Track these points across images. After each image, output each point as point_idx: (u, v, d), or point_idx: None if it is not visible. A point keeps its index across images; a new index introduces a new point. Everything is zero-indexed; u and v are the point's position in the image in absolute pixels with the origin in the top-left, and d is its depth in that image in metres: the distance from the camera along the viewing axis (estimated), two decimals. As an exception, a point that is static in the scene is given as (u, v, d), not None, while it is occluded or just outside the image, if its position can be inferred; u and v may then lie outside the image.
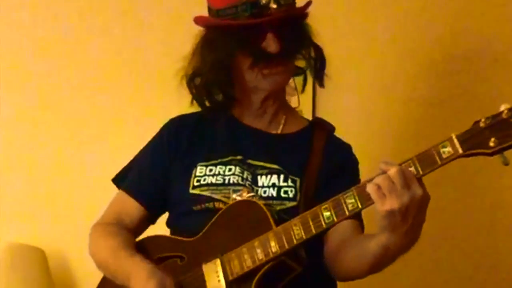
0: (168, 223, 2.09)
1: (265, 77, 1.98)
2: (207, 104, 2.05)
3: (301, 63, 2.07)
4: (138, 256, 1.91)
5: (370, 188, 1.64)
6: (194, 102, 2.06)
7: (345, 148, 2.09)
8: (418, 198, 1.62)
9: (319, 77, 2.06)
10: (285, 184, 1.95)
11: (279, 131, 2.07)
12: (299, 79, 2.14)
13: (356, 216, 1.92)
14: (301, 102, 2.19)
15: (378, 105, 3.05)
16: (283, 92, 2.10)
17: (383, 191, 1.62)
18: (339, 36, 2.14)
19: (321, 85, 2.08)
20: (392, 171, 1.62)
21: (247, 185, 1.96)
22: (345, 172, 1.96)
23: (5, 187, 3.31)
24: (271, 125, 2.07)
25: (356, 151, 2.12)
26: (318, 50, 2.04)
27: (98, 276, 2.11)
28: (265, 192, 1.95)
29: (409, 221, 1.64)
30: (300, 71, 2.08)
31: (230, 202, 1.93)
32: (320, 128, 2.08)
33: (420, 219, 1.66)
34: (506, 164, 1.59)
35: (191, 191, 1.98)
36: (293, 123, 2.10)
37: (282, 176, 1.96)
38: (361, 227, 1.95)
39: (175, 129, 2.11)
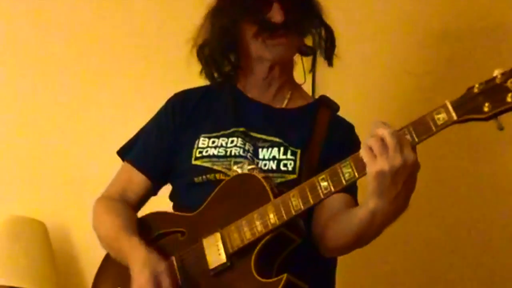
0: (171, 196, 2.11)
1: (268, 47, 2.00)
2: (216, 75, 2.09)
3: (311, 43, 2.09)
4: (136, 239, 1.93)
5: (362, 149, 1.65)
6: (203, 74, 2.10)
7: (349, 127, 2.10)
8: (409, 163, 1.62)
9: (328, 57, 2.08)
10: (285, 157, 1.96)
11: (283, 106, 2.09)
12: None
13: (352, 192, 1.95)
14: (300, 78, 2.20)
15: (376, 79, 3.06)
16: (289, 67, 2.11)
17: (374, 152, 1.62)
18: (334, 11, 2.14)
19: (330, 64, 2.10)
20: (386, 132, 1.62)
21: (248, 156, 1.97)
22: (347, 150, 1.90)
23: (7, 160, 3.32)
24: (275, 99, 2.09)
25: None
26: (329, 31, 2.07)
27: (98, 248, 2.12)
28: (265, 165, 1.96)
29: (398, 187, 1.64)
30: (309, 51, 2.09)
31: (231, 174, 1.94)
32: (325, 105, 2.09)
33: (409, 187, 1.66)
34: (501, 129, 1.58)
35: (193, 162, 2.00)
36: (298, 99, 2.11)
37: (282, 149, 1.98)
38: (355, 202, 1.96)
39: (180, 102, 2.13)
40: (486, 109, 1.57)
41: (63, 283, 3.11)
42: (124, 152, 2.18)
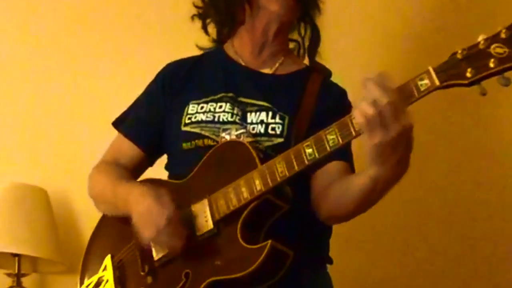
0: (166, 166, 2.13)
1: None
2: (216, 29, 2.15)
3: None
4: (132, 182, 1.97)
5: (358, 116, 1.62)
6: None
7: (340, 92, 2.10)
8: (408, 129, 1.60)
9: (311, 55, 2.14)
10: (273, 121, 1.97)
11: (273, 71, 2.09)
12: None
13: (348, 159, 1.96)
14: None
15: (362, 42, 3.08)
16: (285, 33, 2.12)
17: (372, 123, 1.59)
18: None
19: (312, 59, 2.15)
20: (382, 102, 1.58)
21: (237, 120, 1.98)
22: (339, 114, 1.88)
23: (8, 129, 3.36)
24: (266, 65, 2.10)
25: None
26: (315, 31, 2.13)
27: (97, 214, 2.15)
28: (253, 128, 1.97)
29: (399, 153, 1.63)
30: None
31: (219, 140, 1.96)
32: (316, 71, 2.09)
33: (409, 150, 1.65)
34: (484, 94, 1.58)
35: (183, 128, 2.02)
36: (290, 64, 2.11)
37: (270, 113, 1.98)
38: (352, 169, 1.96)
39: (170, 72, 2.15)
40: (469, 74, 1.57)
41: (65, 249, 3.14)
42: (118, 123, 2.20)
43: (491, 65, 1.55)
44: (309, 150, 1.73)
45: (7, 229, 3.05)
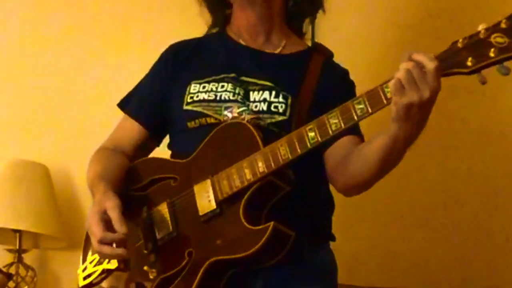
0: (169, 145, 2.16)
1: None
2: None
3: None
4: (103, 184, 1.97)
5: (391, 83, 1.66)
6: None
7: (342, 71, 2.14)
8: (436, 92, 1.64)
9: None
10: (276, 100, 2.00)
11: (276, 52, 2.13)
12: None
13: (359, 133, 2.00)
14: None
15: (360, 29, 3.11)
16: (276, 16, 2.15)
17: (403, 85, 1.63)
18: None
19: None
20: (429, 65, 1.63)
21: (239, 99, 2.01)
22: (341, 92, 1.97)
23: (10, 105, 3.38)
24: (267, 45, 2.14)
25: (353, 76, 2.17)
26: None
27: (99, 192, 2.18)
28: (256, 106, 2.00)
29: (423, 113, 1.67)
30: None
31: (222, 119, 1.99)
32: (318, 52, 2.13)
33: (430, 111, 1.69)
34: (484, 83, 1.62)
35: (185, 107, 2.05)
36: (292, 45, 2.15)
37: (273, 92, 2.01)
38: (362, 141, 2.00)
39: (173, 53, 2.19)
40: (469, 63, 1.61)
41: (65, 225, 3.17)
42: (124, 104, 2.23)
43: (491, 54, 1.59)
44: (311, 134, 1.77)
45: (8, 205, 3.08)
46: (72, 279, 3.04)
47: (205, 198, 1.88)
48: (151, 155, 2.20)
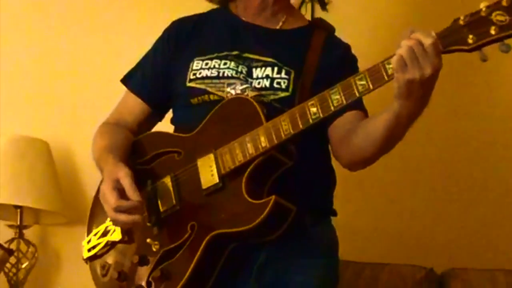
0: (172, 120, 2.19)
1: None
2: None
3: None
4: (111, 156, 2.00)
5: (394, 59, 1.69)
6: None
7: (345, 47, 2.16)
8: (437, 69, 1.68)
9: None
10: (279, 76, 2.02)
11: (277, 27, 2.14)
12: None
13: (363, 108, 2.03)
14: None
15: (367, 6, 3.14)
16: None
17: (405, 61, 1.67)
18: None
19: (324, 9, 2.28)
20: (428, 41, 1.66)
21: (241, 77, 2.03)
22: (344, 67, 2.00)
23: (11, 81, 3.38)
24: (269, 21, 2.15)
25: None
26: None
27: (98, 166, 2.20)
28: (259, 83, 2.02)
29: (424, 90, 1.71)
30: None
31: (225, 96, 2.01)
32: (320, 28, 2.15)
33: (432, 88, 1.73)
34: (484, 60, 1.66)
35: (188, 84, 2.07)
36: (293, 21, 2.17)
37: (276, 68, 2.03)
38: (366, 117, 2.02)
39: (175, 29, 2.20)
40: (470, 41, 1.65)
41: (66, 201, 3.20)
42: (126, 80, 2.25)
43: (492, 32, 1.63)
44: (313, 109, 1.81)
45: (9, 181, 3.09)
46: (73, 255, 3.10)
47: (208, 172, 1.91)
48: (154, 129, 2.23)
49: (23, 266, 3.16)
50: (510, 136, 3.12)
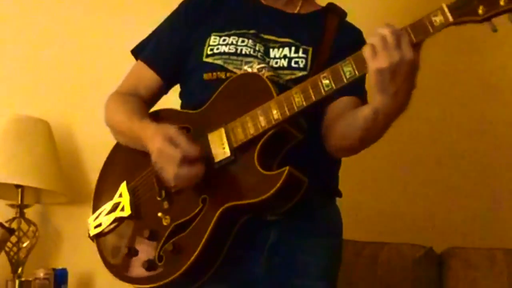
0: (181, 95, 2.18)
1: None
2: None
3: None
4: (147, 120, 2.00)
5: (364, 48, 1.74)
6: None
7: (357, 31, 2.17)
8: (408, 61, 1.70)
9: None
10: (296, 55, 2.03)
11: (295, 11, 2.15)
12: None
13: (362, 97, 2.03)
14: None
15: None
16: None
17: (375, 50, 1.71)
18: None
19: None
20: (387, 31, 1.71)
21: (259, 56, 2.03)
22: (359, 46, 1.95)
23: (11, 61, 3.38)
24: (287, 6, 2.15)
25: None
26: None
27: (100, 146, 2.16)
28: (276, 63, 2.03)
29: (398, 83, 1.72)
30: None
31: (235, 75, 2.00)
32: (333, 12, 2.16)
33: (409, 85, 1.75)
34: (495, 30, 1.68)
35: (204, 59, 2.06)
36: (308, 6, 2.18)
37: (293, 48, 2.04)
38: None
39: (194, 2, 2.18)
40: (480, 11, 1.67)
41: (67, 180, 3.21)
42: (138, 51, 2.22)
43: (502, 3, 1.65)
44: (326, 82, 1.81)
45: (10, 161, 3.10)
46: (73, 234, 3.14)
47: (219, 146, 1.90)
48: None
49: (24, 245, 3.16)
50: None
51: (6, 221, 3.12)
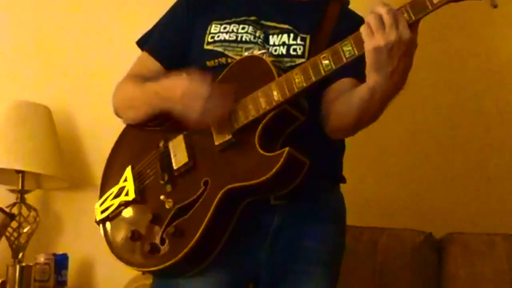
0: None
1: None
2: None
3: None
4: (163, 77, 1.97)
5: (362, 27, 1.72)
6: None
7: (359, 19, 2.10)
8: (404, 39, 1.69)
9: None
10: (295, 42, 2.01)
11: None
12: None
13: (359, 75, 1.96)
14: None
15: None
16: None
17: (372, 29, 1.70)
18: None
19: None
20: (383, 10, 1.70)
21: (259, 42, 2.01)
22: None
23: (12, 47, 3.37)
24: None
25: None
26: None
27: (101, 131, 2.17)
28: (275, 50, 2.00)
29: (394, 62, 1.71)
30: None
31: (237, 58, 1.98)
32: (335, 0, 2.13)
33: (405, 64, 1.73)
34: (495, 6, 1.67)
35: (205, 47, 2.04)
36: None
37: (292, 35, 2.02)
38: None
39: None
40: None
41: (67, 166, 3.19)
42: (143, 42, 2.21)
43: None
44: (325, 62, 1.79)
45: (11, 146, 3.08)
46: (74, 219, 3.12)
47: (221, 128, 1.88)
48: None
49: (25, 230, 3.15)
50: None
51: (7, 206, 3.11)
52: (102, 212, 2.04)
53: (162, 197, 1.92)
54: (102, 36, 3.26)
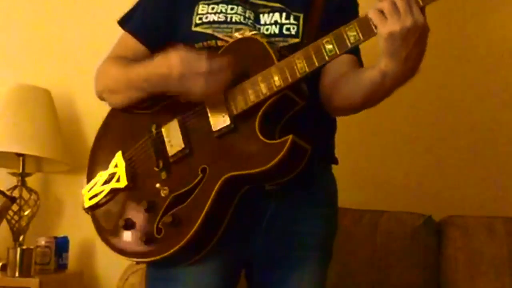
0: None
1: None
2: None
3: None
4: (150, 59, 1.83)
5: (372, 13, 1.62)
6: None
7: None
8: (419, 24, 1.60)
9: None
10: (287, 21, 1.88)
11: None
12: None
13: (357, 53, 1.90)
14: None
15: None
16: None
17: (385, 14, 1.61)
18: None
19: None
20: None
21: (249, 23, 1.88)
22: (347, 11, 1.88)
23: (13, 30, 3.32)
24: None
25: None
26: None
27: (102, 114, 2.05)
28: (267, 29, 1.88)
29: (409, 47, 1.62)
30: None
31: (232, 40, 1.84)
32: None
33: (420, 49, 1.64)
34: None
35: (194, 28, 1.90)
36: None
37: (284, 14, 1.89)
38: (360, 63, 1.91)
39: None
40: None
41: (68, 149, 3.14)
42: (124, 21, 2.06)
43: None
44: (329, 46, 1.67)
45: (12, 130, 3.04)
46: (74, 202, 3.05)
47: (219, 114, 1.75)
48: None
49: (25, 213, 3.11)
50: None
51: (8, 189, 3.04)
52: (91, 198, 1.91)
53: (157, 185, 1.79)
54: (103, 18, 3.15)
